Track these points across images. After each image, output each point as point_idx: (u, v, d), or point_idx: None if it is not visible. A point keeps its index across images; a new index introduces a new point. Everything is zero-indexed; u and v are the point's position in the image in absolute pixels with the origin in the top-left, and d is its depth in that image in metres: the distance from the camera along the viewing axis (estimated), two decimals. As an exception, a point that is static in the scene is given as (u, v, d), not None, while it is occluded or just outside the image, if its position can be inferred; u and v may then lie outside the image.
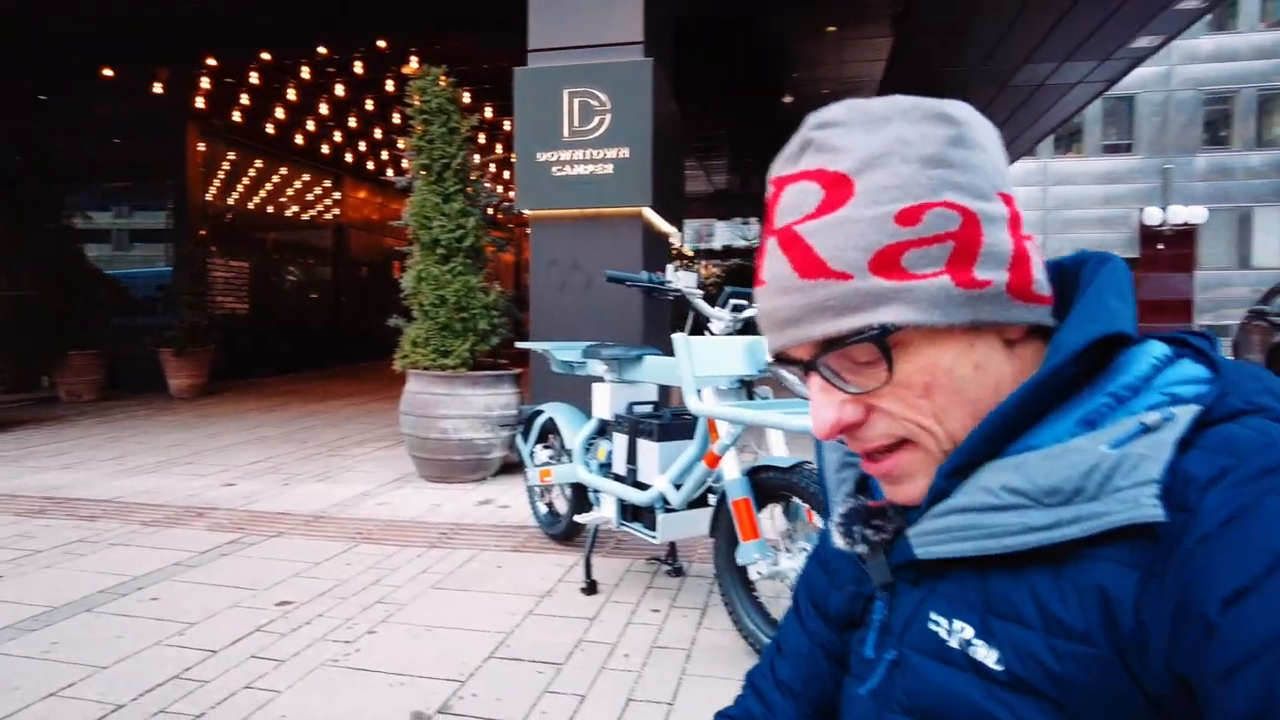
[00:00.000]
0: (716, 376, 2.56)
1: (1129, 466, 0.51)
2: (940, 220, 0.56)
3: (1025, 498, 0.54)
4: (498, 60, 8.83)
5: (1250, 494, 0.47)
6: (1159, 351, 0.58)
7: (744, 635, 2.55)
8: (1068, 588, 0.52)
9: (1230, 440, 0.51)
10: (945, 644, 0.58)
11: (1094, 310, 0.58)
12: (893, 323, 0.55)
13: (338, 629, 2.76)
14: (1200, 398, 0.54)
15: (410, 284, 5.16)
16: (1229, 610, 0.45)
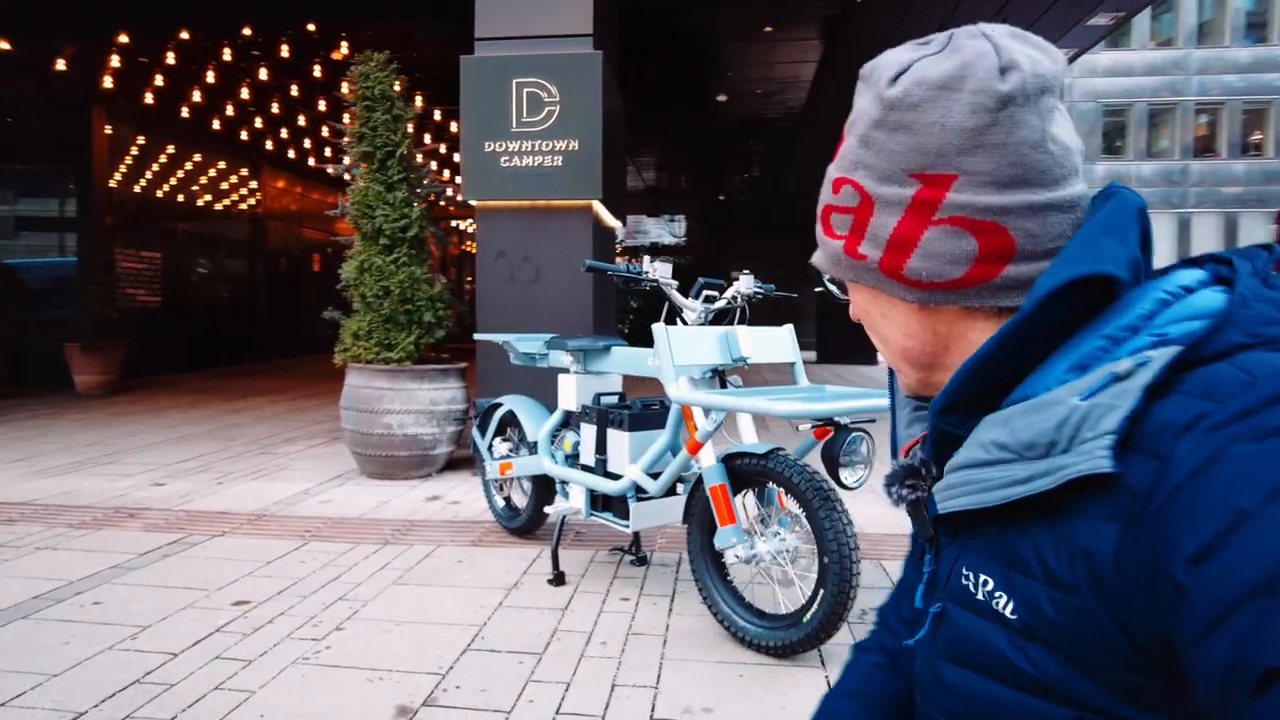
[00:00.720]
0: (692, 366, 2.59)
1: (1095, 418, 0.51)
2: (849, 195, 0.64)
3: (1009, 451, 0.55)
4: (429, 49, 8.67)
5: (1219, 441, 0.46)
6: (1179, 282, 0.57)
7: (719, 619, 2.60)
8: (1060, 541, 0.53)
9: (1211, 382, 0.50)
10: (974, 596, 0.60)
11: (1077, 251, 0.57)
12: (815, 264, 0.70)
13: (303, 627, 2.68)
14: (1187, 337, 0.52)
15: (351, 275, 5.02)
16: (1193, 571, 0.45)
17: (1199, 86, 27.72)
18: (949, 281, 0.61)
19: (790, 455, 2.49)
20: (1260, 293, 0.54)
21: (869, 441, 2.33)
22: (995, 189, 0.58)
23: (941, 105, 0.58)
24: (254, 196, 14.00)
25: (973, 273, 0.60)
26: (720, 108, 12.05)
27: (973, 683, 0.61)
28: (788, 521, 2.55)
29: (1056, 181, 0.59)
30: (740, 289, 2.87)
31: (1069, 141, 0.59)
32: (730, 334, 2.67)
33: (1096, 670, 0.52)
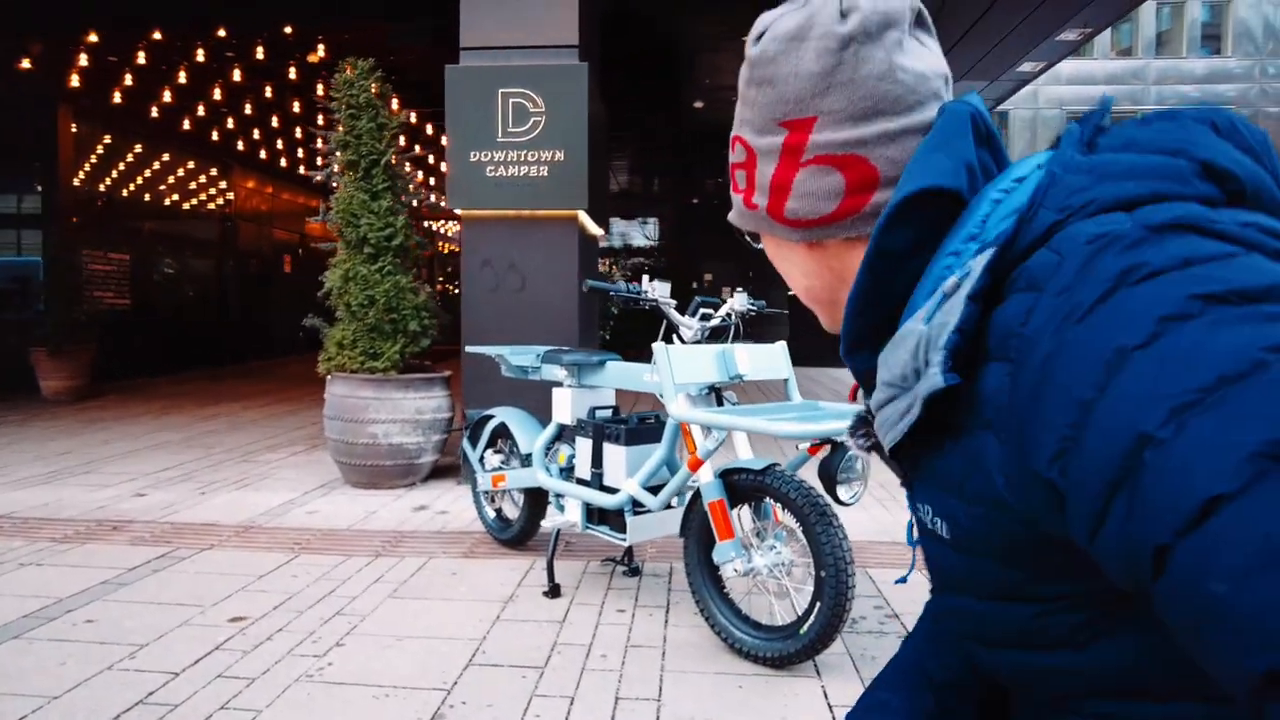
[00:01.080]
0: (690, 383, 2.65)
1: (935, 338, 0.53)
2: (740, 152, 0.70)
3: (893, 387, 0.58)
4: (406, 54, 8.63)
5: (1050, 331, 0.47)
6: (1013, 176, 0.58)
7: (717, 631, 2.66)
8: (960, 457, 0.55)
9: (1031, 272, 0.50)
10: (926, 524, 0.63)
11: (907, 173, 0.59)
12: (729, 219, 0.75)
13: (303, 643, 2.69)
14: (1000, 235, 0.53)
15: (336, 283, 5.00)
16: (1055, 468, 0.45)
17: (1157, 96, 28.46)
18: (825, 217, 0.65)
19: (785, 470, 2.56)
20: (1073, 162, 0.53)
21: (865, 459, 2.41)
22: (851, 123, 0.62)
23: (794, 55, 0.63)
24: (224, 197, 13.80)
25: (844, 205, 0.64)
26: (696, 114, 12.13)
27: (956, 602, 0.63)
28: (783, 535, 2.62)
29: (910, 108, 0.61)
30: (734, 307, 2.94)
31: (922, 69, 0.62)
32: (727, 352, 2.73)
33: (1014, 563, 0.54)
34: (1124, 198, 0.49)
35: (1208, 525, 0.38)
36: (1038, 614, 0.55)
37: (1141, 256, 0.45)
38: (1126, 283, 0.45)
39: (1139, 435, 0.41)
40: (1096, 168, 0.52)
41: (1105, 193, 0.50)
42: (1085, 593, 0.52)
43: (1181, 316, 0.42)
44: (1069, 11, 7.42)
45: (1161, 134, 0.53)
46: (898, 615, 2.98)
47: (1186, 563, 0.38)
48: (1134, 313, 0.43)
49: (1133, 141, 0.53)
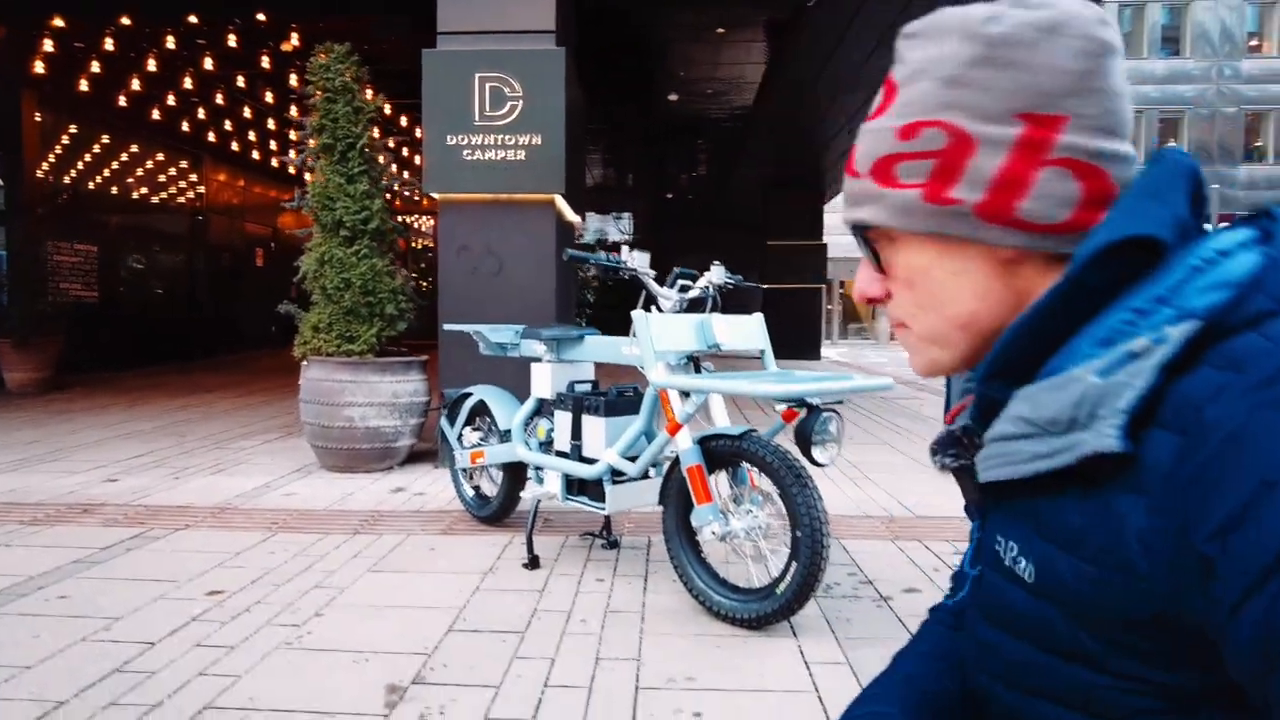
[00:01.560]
0: (669, 352, 2.69)
1: (1112, 396, 0.52)
2: (931, 139, 0.61)
3: (1034, 426, 0.57)
4: (385, 41, 8.59)
5: (1242, 411, 0.46)
6: (1216, 246, 0.56)
7: (695, 594, 2.70)
8: (1086, 512, 0.54)
9: (1235, 353, 0.49)
10: (1002, 560, 0.63)
11: (1116, 215, 0.57)
12: (865, 220, 0.65)
13: (281, 614, 2.69)
14: (1210, 310, 0.52)
15: (311, 267, 4.97)
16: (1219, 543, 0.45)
17: (1122, 95, 28.93)
18: (1054, 225, 0.59)
19: (763, 436, 2.60)
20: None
21: (839, 421, 2.46)
22: (1101, 134, 0.59)
23: (1050, 46, 0.58)
24: (196, 190, 13.61)
25: (1076, 217, 0.59)
26: (670, 107, 12.18)
27: (1003, 642, 0.63)
28: (759, 499, 2.66)
29: (1128, 135, 0.61)
30: (713, 279, 2.98)
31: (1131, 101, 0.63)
32: (706, 321, 2.77)
33: (1103, 632, 0.54)
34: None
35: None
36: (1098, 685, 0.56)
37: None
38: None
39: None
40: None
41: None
42: (1157, 683, 0.53)
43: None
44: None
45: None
46: (871, 581, 3.04)
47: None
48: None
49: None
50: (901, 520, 3.91)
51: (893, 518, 3.96)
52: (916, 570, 3.17)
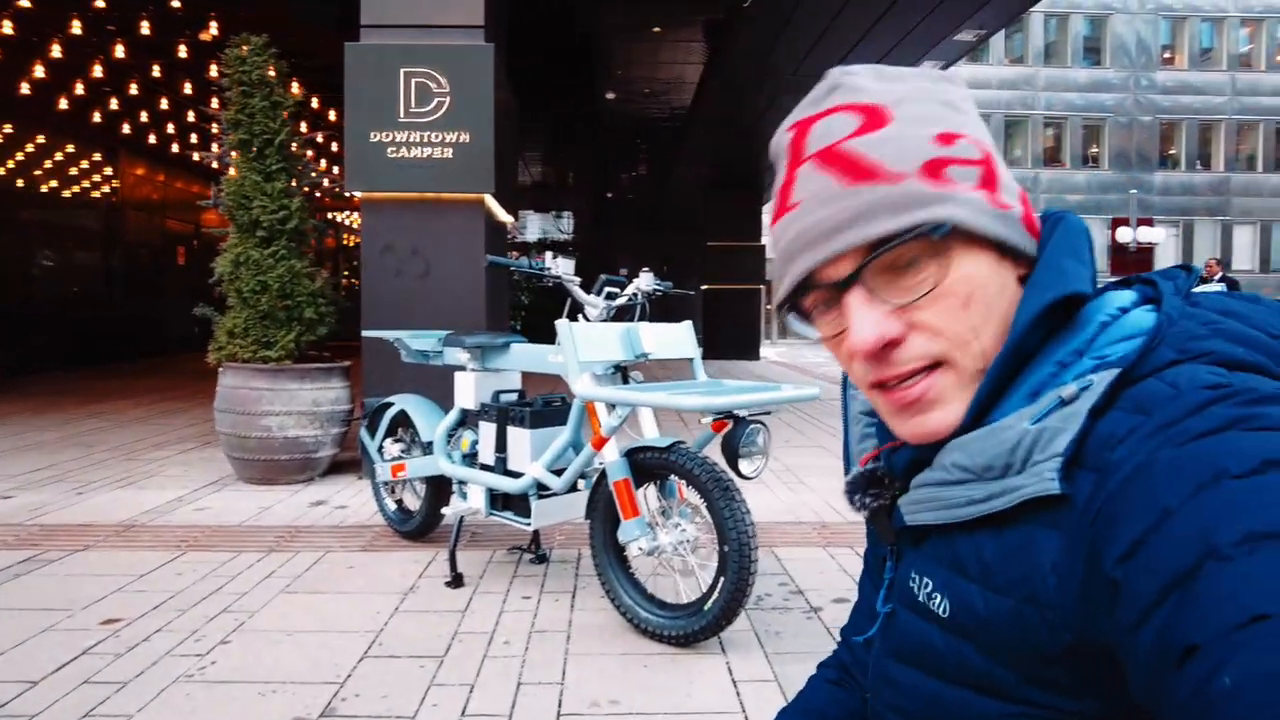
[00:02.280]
0: (596, 362, 2.61)
1: (1045, 441, 0.54)
2: (970, 147, 0.60)
3: (969, 473, 0.59)
4: (308, 33, 8.29)
5: (1148, 449, 0.49)
6: (1116, 304, 0.61)
7: (622, 611, 2.63)
8: (1003, 547, 0.57)
9: (1143, 397, 0.53)
10: (916, 597, 0.64)
11: (1047, 275, 0.60)
12: (949, 217, 0.57)
13: (184, 642, 2.52)
14: (1124, 359, 0.55)
15: (226, 269, 4.74)
16: (1124, 566, 0.47)
17: (1046, 102, 30.07)
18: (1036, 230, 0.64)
19: (690, 448, 2.54)
20: (1185, 310, 0.58)
21: (765, 433, 2.42)
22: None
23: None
24: (110, 184, 12.96)
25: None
26: (608, 105, 12.10)
27: (914, 679, 0.65)
28: (688, 512, 2.60)
29: None
30: (641, 286, 2.91)
31: None
32: (633, 330, 2.70)
33: (1017, 664, 0.56)
34: (1235, 359, 0.54)
35: (1239, 634, 0.41)
36: (1006, 714, 0.57)
37: (1258, 411, 0.49)
38: (1239, 427, 0.48)
39: (1210, 546, 0.44)
40: (1211, 323, 0.56)
41: (1222, 349, 0.54)
42: (1069, 711, 0.55)
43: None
44: (965, 14, 7.72)
45: (1260, 313, 0.58)
46: (802, 592, 3.01)
47: (1209, 660, 0.42)
48: (1242, 450, 0.46)
49: (1232, 311, 0.58)
50: (834, 526, 3.91)
51: (825, 523, 3.96)
52: (847, 579, 3.16)
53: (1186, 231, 30.42)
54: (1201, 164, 30.77)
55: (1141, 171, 30.25)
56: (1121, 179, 30.06)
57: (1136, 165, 30.27)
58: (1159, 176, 30.45)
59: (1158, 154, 30.42)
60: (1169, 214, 30.20)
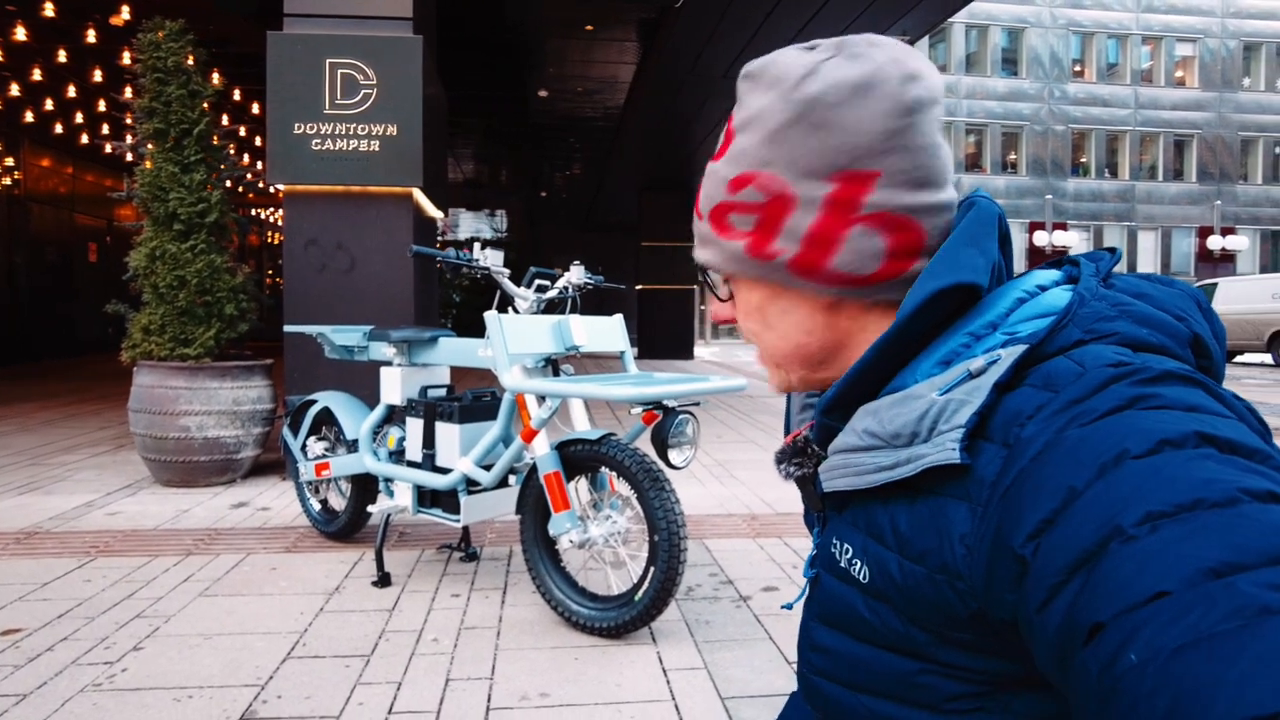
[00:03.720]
0: (526, 354, 2.59)
1: (950, 411, 0.56)
2: (753, 193, 0.65)
3: (878, 439, 0.61)
4: (229, 21, 8.00)
5: (1055, 427, 0.51)
6: (1036, 282, 0.64)
7: (553, 605, 2.62)
8: (916, 516, 0.59)
9: (1051, 374, 0.55)
10: (838, 562, 0.67)
11: (942, 263, 0.62)
12: (705, 263, 0.72)
13: (92, 650, 2.41)
14: (1033, 335, 0.58)
15: (141, 263, 4.55)
16: (1032, 545, 0.49)
17: (967, 109, 31.14)
18: (866, 277, 0.64)
19: (621, 440, 2.55)
20: (1098, 291, 0.60)
21: (694, 423, 2.44)
22: (911, 188, 0.63)
23: (860, 106, 0.61)
24: (12, 176, 12.26)
25: (887, 267, 0.64)
26: (541, 103, 12.03)
27: (837, 641, 0.67)
28: (619, 504, 2.61)
29: (946, 184, 0.65)
30: (572, 279, 2.90)
31: (948, 150, 0.67)
32: (563, 323, 2.70)
33: (931, 627, 0.58)
34: (1141, 340, 0.57)
35: (1142, 611, 0.42)
36: (921, 671, 0.60)
37: (1157, 389, 0.51)
38: (1139, 406, 0.50)
39: (1114, 527, 0.45)
40: (1120, 305, 0.59)
41: (1128, 330, 0.57)
42: (978, 670, 0.57)
43: (1181, 444, 0.47)
44: (889, 20, 7.95)
45: (1169, 297, 0.61)
46: (732, 581, 3.06)
47: (1115, 638, 0.43)
48: (1142, 429, 0.48)
49: (1145, 294, 0.61)
50: (763, 517, 3.98)
51: (754, 515, 4.02)
52: (776, 568, 3.22)
53: (1097, 235, 31.92)
54: (1109, 172, 32.33)
55: (1056, 178, 31.61)
56: (1038, 185, 31.37)
57: (1051, 172, 31.61)
58: (1071, 183, 31.87)
59: (1070, 162, 31.84)
60: (1081, 219, 31.65)
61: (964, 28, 30.75)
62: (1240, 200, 32.59)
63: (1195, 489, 0.45)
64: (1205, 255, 32.08)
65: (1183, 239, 32.41)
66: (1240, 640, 0.39)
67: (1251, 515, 0.43)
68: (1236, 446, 0.48)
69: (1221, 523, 0.43)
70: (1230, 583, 0.41)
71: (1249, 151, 32.88)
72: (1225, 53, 32.21)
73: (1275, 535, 0.42)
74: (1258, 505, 0.44)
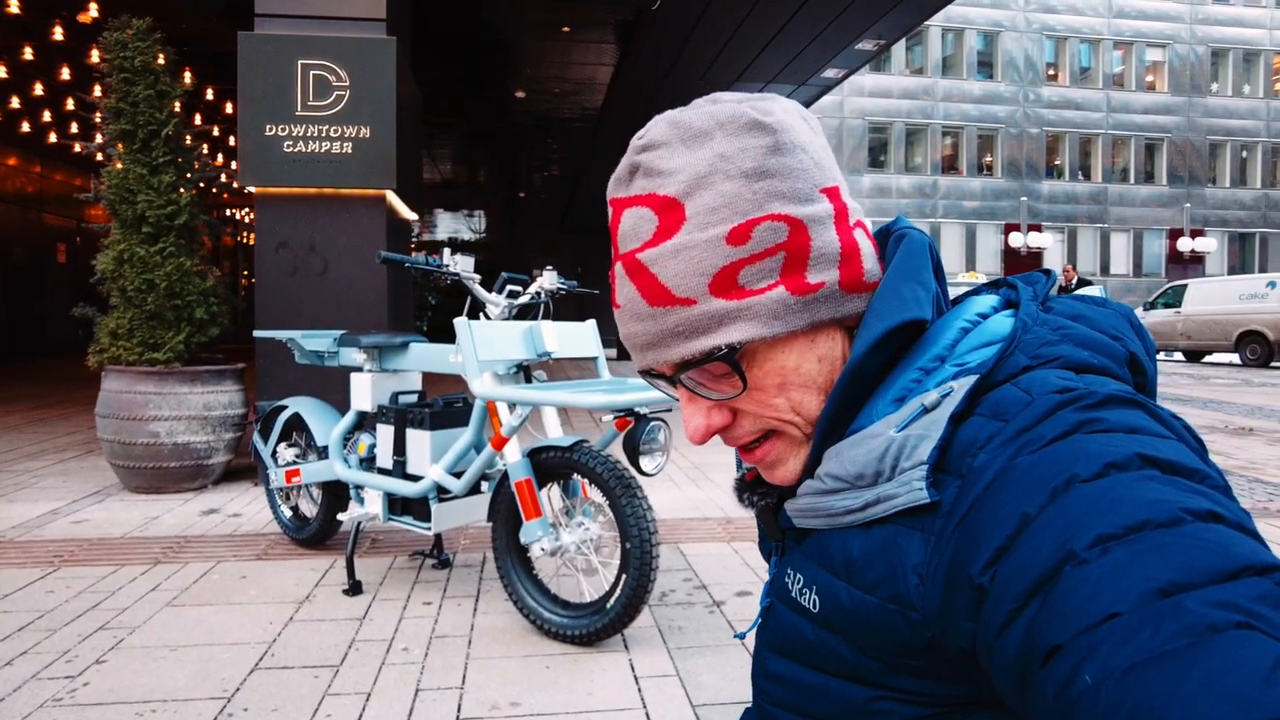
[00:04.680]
0: (497, 361, 2.58)
1: (910, 448, 0.56)
2: (769, 234, 0.59)
3: (843, 482, 0.60)
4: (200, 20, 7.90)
5: (1006, 456, 0.52)
6: (976, 310, 0.64)
7: (525, 613, 2.61)
8: (869, 546, 0.59)
9: (999, 403, 0.55)
10: (790, 592, 0.67)
11: (885, 303, 0.62)
12: (738, 341, 0.60)
13: (53, 664, 2.36)
14: (982, 365, 0.58)
15: (109, 267, 4.47)
16: (989, 573, 0.49)
17: (944, 112, 31.44)
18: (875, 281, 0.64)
19: (594, 447, 2.54)
20: (1038, 316, 0.62)
21: (666, 430, 2.44)
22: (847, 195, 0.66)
23: (805, 128, 0.64)
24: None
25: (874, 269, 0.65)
26: (519, 104, 11.99)
27: (790, 670, 0.67)
28: (591, 511, 2.61)
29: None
30: (544, 284, 2.89)
31: None
32: (535, 329, 2.69)
33: (882, 655, 0.59)
34: (1083, 363, 0.58)
35: (1096, 633, 0.43)
36: (874, 698, 0.60)
37: (1100, 414, 0.52)
38: (1084, 430, 0.51)
39: (1068, 551, 0.46)
40: (1061, 329, 0.60)
41: (1070, 353, 0.58)
42: (931, 694, 0.58)
43: (1125, 467, 0.49)
44: (865, 24, 8.00)
45: (1104, 317, 0.63)
46: (705, 586, 3.06)
47: (1071, 659, 0.44)
48: (1088, 454, 0.49)
49: (1081, 315, 0.63)
50: (738, 521, 3.98)
51: (730, 519, 4.03)
52: (750, 573, 3.22)
53: (1071, 237, 32.34)
54: (1083, 174, 32.77)
55: (1031, 180, 31.99)
56: (1013, 187, 31.73)
57: (1026, 174, 31.98)
58: (1046, 185, 32.26)
59: (1044, 164, 32.24)
60: (1055, 220, 32.05)
61: (940, 31, 31.04)
62: (1209, 203, 33.16)
63: (1142, 510, 0.46)
64: (1175, 257, 32.61)
65: (1154, 241, 32.92)
66: (1189, 658, 0.40)
67: (1195, 535, 0.45)
68: (1177, 467, 0.49)
69: (1167, 543, 0.44)
70: (1178, 602, 0.42)
71: (1217, 155, 33.47)
72: (1194, 58, 32.77)
73: (1218, 554, 0.44)
74: (1200, 525, 0.45)
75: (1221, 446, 6.13)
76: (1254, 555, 0.44)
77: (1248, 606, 0.41)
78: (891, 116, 30.89)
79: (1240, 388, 11.04)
